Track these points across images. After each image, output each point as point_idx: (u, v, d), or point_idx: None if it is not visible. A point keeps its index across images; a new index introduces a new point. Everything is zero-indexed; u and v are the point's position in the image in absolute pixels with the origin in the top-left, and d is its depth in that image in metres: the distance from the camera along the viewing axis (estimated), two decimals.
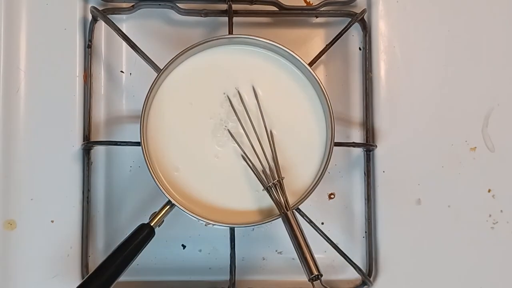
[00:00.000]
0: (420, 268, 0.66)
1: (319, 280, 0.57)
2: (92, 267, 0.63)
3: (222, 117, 0.61)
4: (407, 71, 0.68)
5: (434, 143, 0.67)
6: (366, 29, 0.68)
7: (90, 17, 0.66)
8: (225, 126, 0.61)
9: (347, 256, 0.65)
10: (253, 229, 0.68)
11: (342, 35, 0.66)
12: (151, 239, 0.59)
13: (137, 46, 0.63)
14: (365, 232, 0.67)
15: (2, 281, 0.64)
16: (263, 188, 0.59)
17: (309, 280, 0.56)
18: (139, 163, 0.67)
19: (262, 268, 0.68)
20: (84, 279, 0.58)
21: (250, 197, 0.60)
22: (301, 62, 0.60)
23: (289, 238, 0.58)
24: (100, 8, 0.66)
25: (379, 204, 0.67)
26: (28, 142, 0.65)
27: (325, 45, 0.66)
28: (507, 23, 0.69)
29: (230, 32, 0.64)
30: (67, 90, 0.66)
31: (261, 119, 0.60)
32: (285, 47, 0.60)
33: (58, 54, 0.66)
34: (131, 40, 0.63)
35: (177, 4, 0.67)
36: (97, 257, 0.66)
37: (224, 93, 0.61)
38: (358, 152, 0.68)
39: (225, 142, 0.61)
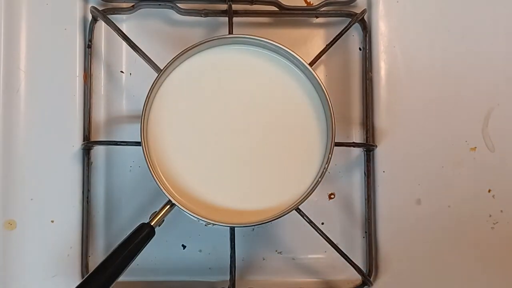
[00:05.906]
0: (420, 268, 0.66)
1: None
2: (92, 267, 0.63)
3: (222, 116, 0.61)
4: (407, 71, 0.68)
5: (434, 143, 0.67)
6: (366, 29, 0.68)
7: (90, 17, 0.67)
8: (225, 126, 0.61)
9: (347, 256, 0.65)
10: (253, 229, 0.68)
11: (342, 35, 0.66)
12: (151, 238, 0.59)
13: (137, 46, 0.63)
14: (365, 232, 0.67)
15: (2, 281, 0.64)
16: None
17: None
18: (139, 163, 0.67)
19: (262, 268, 0.68)
20: (84, 278, 0.58)
21: (250, 197, 0.60)
22: (302, 62, 0.60)
23: (289, 238, 0.57)
24: (100, 8, 0.66)
25: (379, 204, 0.67)
26: (28, 142, 0.65)
27: (325, 45, 0.66)
28: (507, 23, 0.69)
29: (230, 32, 0.64)
30: (67, 90, 0.66)
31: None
32: (286, 47, 0.60)
33: (58, 54, 0.66)
34: (131, 40, 0.63)
35: (177, 4, 0.67)
36: (97, 257, 0.66)
37: (224, 93, 0.61)
38: (358, 152, 0.68)
39: (225, 142, 0.61)
